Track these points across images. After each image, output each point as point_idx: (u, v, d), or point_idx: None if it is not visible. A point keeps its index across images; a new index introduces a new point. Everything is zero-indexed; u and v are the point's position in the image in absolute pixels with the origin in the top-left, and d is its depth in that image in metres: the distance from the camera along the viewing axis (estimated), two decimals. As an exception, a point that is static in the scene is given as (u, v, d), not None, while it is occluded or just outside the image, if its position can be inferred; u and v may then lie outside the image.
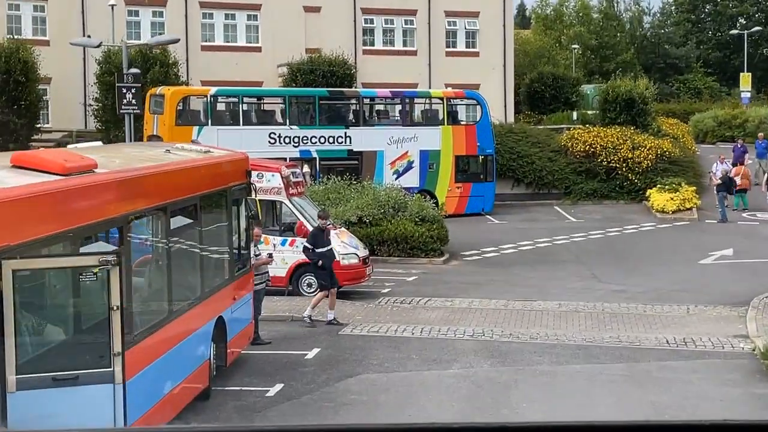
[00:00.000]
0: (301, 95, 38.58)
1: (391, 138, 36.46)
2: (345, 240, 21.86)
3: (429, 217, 27.79)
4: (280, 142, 35.09)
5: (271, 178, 21.45)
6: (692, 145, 45.62)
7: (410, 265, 26.81)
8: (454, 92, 39.33)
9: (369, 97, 38.55)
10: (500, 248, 29.97)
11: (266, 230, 21.89)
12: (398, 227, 27.19)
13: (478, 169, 38.16)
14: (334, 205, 28.00)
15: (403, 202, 28.05)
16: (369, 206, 27.42)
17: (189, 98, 35.60)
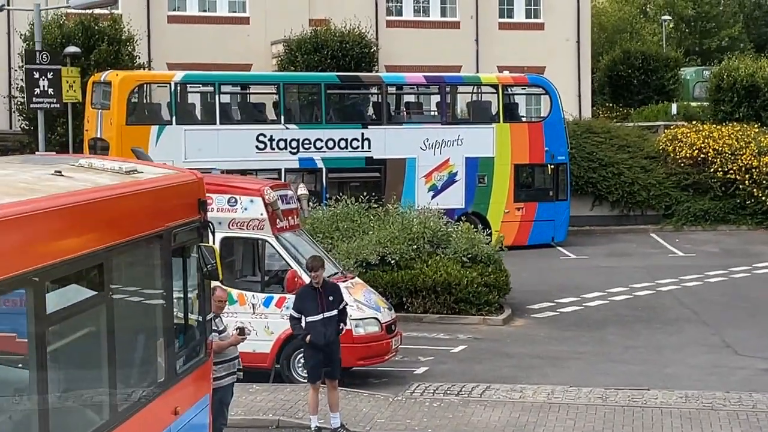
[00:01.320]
0: (301, 82, 35.30)
1: (426, 141, 33.20)
2: (360, 298, 18.33)
3: (482, 255, 24.28)
4: (273, 148, 31.93)
5: (249, 204, 17.99)
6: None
7: (456, 326, 23.39)
8: (513, 77, 35.84)
9: (395, 84, 35.21)
10: (582, 298, 26.47)
11: (243, 282, 18.48)
12: (438, 271, 23.73)
13: (546, 184, 34.81)
14: (346, 238, 24.64)
15: (445, 234, 24.57)
16: (396, 240, 23.97)
17: (146, 87, 32.54)
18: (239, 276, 18.72)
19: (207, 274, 12.64)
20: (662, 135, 39.37)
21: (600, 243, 35.27)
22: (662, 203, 37.67)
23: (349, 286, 18.50)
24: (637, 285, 28.01)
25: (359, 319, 17.93)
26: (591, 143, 37.97)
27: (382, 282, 23.61)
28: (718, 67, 42.18)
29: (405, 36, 44.22)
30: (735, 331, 23.02)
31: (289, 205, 18.91)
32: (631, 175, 37.61)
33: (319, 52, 39.40)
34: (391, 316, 18.68)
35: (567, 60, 46.38)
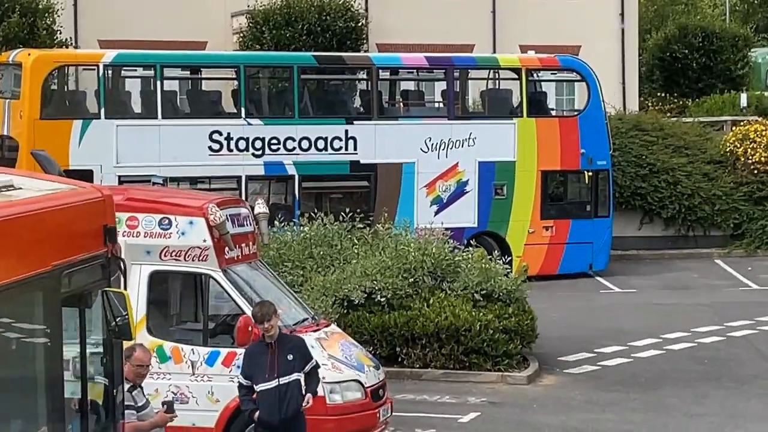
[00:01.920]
0: (268, 64, 33.89)
1: (429, 141, 31.82)
2: (336, 353, 16.76)
3: (500, 291, 22.74)
4: (231, 149, 30.56)
5: (187, 227, 16.41)
6: None
7: (466, 385, 21.88)
8: (540, 59, 34.40)
9: (389, 67, 33.80)
10: (630, 347, 25.00)
11: (179, 331, 16.93)
12: (443, 312, 22.19)
13: (582, 196, 33.44)
14: (322, 269, 23.15)
15: (452, 264, 23.03)
16: (387, 272, 22.45)
17: (67, 70, 30.99)
18: (175, 323, 17.16)
19: (116, 330, 11.11)
20: (730, 134, 38.01)
21: (651, 272, 33.81)
22: (730, 221, 36.29)
23: (321, 337, 16.96)
24: (702, 329, 26.54)
25: (335, 382, 16.35)
26: (639, 144, 36.57)
27: (370, 327, 22.14)
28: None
29: (402, 7, 42.77)
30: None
31: (243, 228, 17.35)
32: (690, 184, 36.18)
33: (292, 26, 38.08)
34: (378, 378, 17.09)
35: (608, 38, 45.08)
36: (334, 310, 21.97)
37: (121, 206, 16.48)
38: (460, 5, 43.58)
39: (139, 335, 16.35)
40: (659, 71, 50.07)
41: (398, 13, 42.35)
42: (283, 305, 17.54)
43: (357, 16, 39.82)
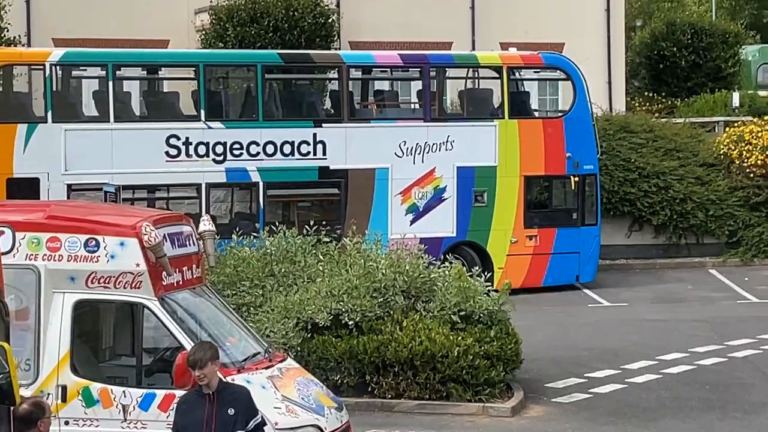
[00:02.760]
0: (229, 63, 31.74)
1: (404, 144, 29.79)
2: (292, 394, 14.49)
3: (481, 312, 20.53)
4: (190, 154, 28.52)
5: (117, 249, 14.13)
6: None
7: (443, 417, 19.64)
8: (522, 57, 32.33)
9: (360, 65, 31.74)
10: (624, 370, 22.80)
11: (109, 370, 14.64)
12: (417, 336, 20.00)
13: (568, 203, 31.43)
14: (284, 288, 20.95)
15: (427, 282, 20.83)
16: (355, 292, 20.26)
17: (9, 69, 28.72)
18: (104, 360, 14.88)
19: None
20: (723, 135, 36.09)
21: (641, 283, 31.78)
22: (725, 227, 34.28)
23: (275, 375, 14.70)
24: (700, 349, 24.38)
25: (290, 428, 14.12)
26: (627, 146, 34.58)
27: (336, 352, 19.94)
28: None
29: (376, 3, 40.67)
30: None
31: (186, 248, 15.09)
32: (682, 189, 34.19)
33: (258, 23, 35.88)
34: (340, 421, 14.81)
35: (593, 35, 42.96)
36: (297, 334, 19.85)
37: (41, 225, 14.35)
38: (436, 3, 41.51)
39: (62, 374, 14.23)
40: (646, 70, 48.14)
41: (372, 9, 40.25)
42: (233, 336, 15.38)
43: (327, 12, 37.65)
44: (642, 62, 48.34)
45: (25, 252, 14.09)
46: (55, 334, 14.11)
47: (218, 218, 29.00)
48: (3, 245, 13.87)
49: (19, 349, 14.17)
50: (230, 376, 13.93)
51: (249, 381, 14.15)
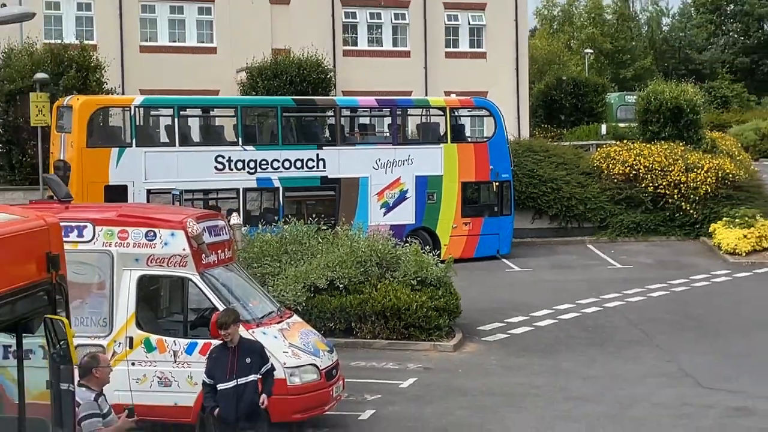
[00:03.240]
0: (258, 105, 30.30)
1: (379, 161, 28.18)
2: (296, 341, 13.23)
3: (432, 278, 19.25)
4: (231, 168, 26.84)
5: (169, 238, 12.84)
6: (751, 165, 37.01)
7: (405, 353, 18.36)
8: (460, 100, 30.94)
9: (349, 107, 30.10)
10: (531, 317, 21.50)
11: (164, 326, 13.33)
12: (387, 295, 18.75)
13: (491, 200, 29.79)
14: (295, 262, 19.59)
15: (394, 257, 19.53)
16: (344, 264, 18.98)
17: (106, 110, 27.12)
18: (160, 318, 13.56)
19: (57, 356, 7.55)
20: (595, 153, 34.56)
21: (542, 254, 30.35)
22: (597, 216, 32.70)
23: (284, 328, 13.41)
24: (584, 301, 23.09)
25: (295, 367, 12.83)
26: (531, 161, 32.96)
27: (331, 307, 18.68)
28: (646, 90, 37.27)
29: (360, 64, 39.20)
30: (690, 356, 18.09)
31: (219, 236, 13.76)
32: (568, 190, 32.64)
33: (279, 78, 34.22)
34: (331, 360, 13.55)
35: (507, 85, 41.46)
36: (303, 294, 18.55)
37: (113, 221, 13.01)
38: (401, 64, 40.08)
39: (130, 328, 12.92)
40: (542, 109, 46.76)
41: (358, 70, 38.78)
42: (255, 300, 14.05)
43: (326, 70, 36.12)
44: (540, 104, 46.97)
45: (102, 240, 12.76)
46: (124, 300, 12.80)
47: (252, 212, 27.73)
48: (87, 236, 12.67)
49: (99, 311, 12.92)
50: (251, 329, 12.66)
51: (265, 333, 12.89)
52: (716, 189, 32.15)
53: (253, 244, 19.96)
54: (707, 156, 33.48)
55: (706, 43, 76.18)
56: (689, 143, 34.59)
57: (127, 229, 12.78)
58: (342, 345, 17.70)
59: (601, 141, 38.01)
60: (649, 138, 35.00)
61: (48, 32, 34.69)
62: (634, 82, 66.92)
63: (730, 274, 26.63)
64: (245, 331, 12.21)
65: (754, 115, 59.69)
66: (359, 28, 39.72)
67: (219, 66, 36.79)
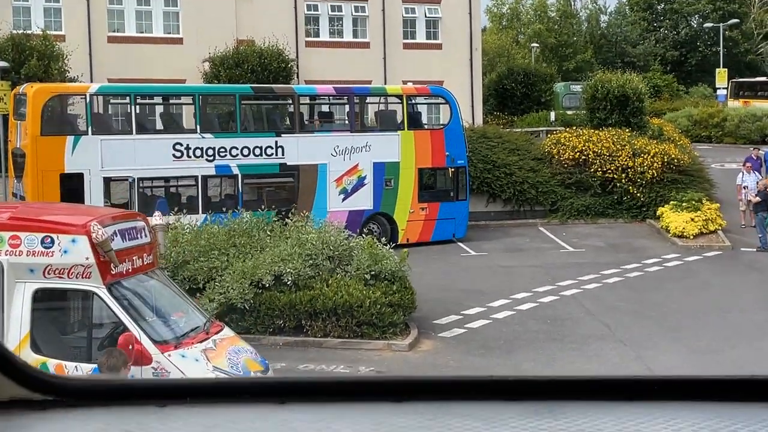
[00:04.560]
0: (216, 93, 26.73)
1: (337, 148, 24.84)
2: (222, 363, 9.92)
3: (386, 272, 16.00)
4: (189, 156, 23.40)
5: (70, 245, 9.49)
6: (692, 150, 34.00)
7: (358, 352, 15.13)
8: (416, 88, 27.58)
9: (307, 95, 26.70)
10: (489, 308, 18.29)
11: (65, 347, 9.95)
12: (338, 291, 15.48)
13: (447, 185, 26.58)
14: (242, 255, 16.24)
15: (346, 250, 16.24)
16: (292, 258, 15.66)
17: (61, 98, 23.49)
18: (60, 339, 10.17)
19: None
20: (546, 139, 31.43)
21: (496, 237, 27.21)
22: (549, 200, 29.62)
23: (209, 347, 10.07)
24: (540, 289, 19.93)
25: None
26: (485, 147, 29.77)
27: (280, 304, 15.41)
28: (594, 79, 34.16)
29: (322, 55, 35.67)
30: (655, 353, 15.00)
31: (137, 240, 10.40)
32: (521, 175, 29.51)
33: (240, 67, 30.66)
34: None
35: (462, 76, 38.10)
36: (250, 291, 15.25)
37: (3, 225, 9.51)
38: (361, 54, 36.63)
39: (23, 352, 9.52)
40: (494, 98, 43.50)
41: (320, 60, 35.27)
42: (180, 311, 10.74)
43: (287, 60, 32.61)
44: (492, 93, 43.72)
45: (-10, 248, 9.40)
46: (17, 318, 9.42)
47: (211, 199, 24.39)
48: (-28, 243, 9.23)
49: (-12, 331, 9.60)
50: (167, 352, 9.34)
51: (184, 356, 9.56)
52: (662, 173, 29.14)
53: (200, 237, 16.64)
54: (653, 142, 30.49)
55: (639, 38, 73.44)
56: (635, 129, 31.65)
57: (20, 234, 9.42)
58: (292, 344, 14.61)
59: (551, 128, 34.93)
60: (596, 125, 32.00)
61: (17, 23, 30.90)
62: (576, 73, 64.07)
63: (681, 258, 23.63)
64: (160, 354, 8.94)
65: (684, 103, 57.06)
66: (321, 20, 36.17)
67: (185, 56, 33.11)
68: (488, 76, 45.91)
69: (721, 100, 51.99)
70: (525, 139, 31.69)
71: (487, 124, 36.76)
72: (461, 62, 38.25)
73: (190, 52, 32.99)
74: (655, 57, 72.37)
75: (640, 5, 75.67)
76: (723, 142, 45.19)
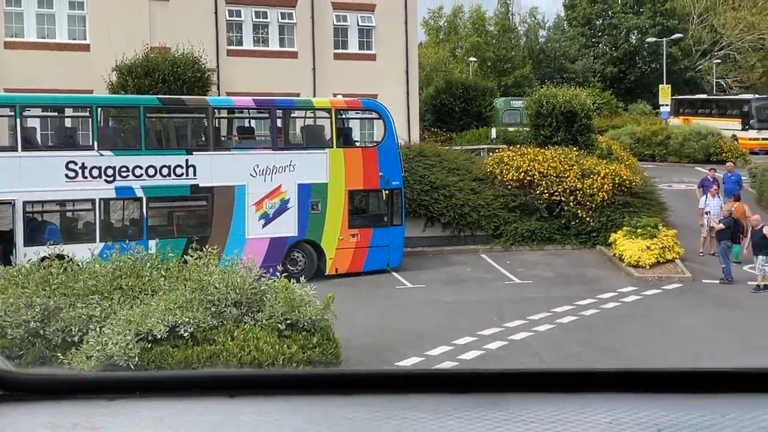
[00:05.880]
0: (117, 105, 23.81)
1: (257, 167, 22.21)
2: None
3: (305, 321, 13.27)
4: (85, 176, 20.50)
5: None
6: (642, 170, 31.97)
7: (268, 422, 12.27)
8: (346, 101, 24.97)
9: (223, 107, 24.01)
10: (428, 357, 15.71)
11: None
12: (246, 346, 12.72)
13: (380, 209, 24.07)
14: (130, 300, 13.38)
15: (257, 293, 13.48)
16: (190, 305, 12.84)
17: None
18: None
19: None
20: (488, 158, 29.13)
21: (434, 266, 24.73)
22: (491, 224, 27.21)
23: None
24: (486, 332, 17.39)
25: None
26: (423, 166, 27.33)
27: (173, 362, 12.55)
28: (538, 94, 31.97)
29: (246, 64, 32.80)
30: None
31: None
32: (461, 197, 27.10)
33: (151, 76, 27.62)
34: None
35: (397, 89, 35.57)
36: (137, 345, 12.39)
37: None
38: (289, 64, 33.88)
39: None
40: (432, 113, 41.11)
41: (243, 70, 32.44)
42: None
43: (203, 69, 29.68)
44: (429, 108, 41.33)
45: None
46: None
47: (111, 226, 21.44)
48: None
49: None
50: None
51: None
52: (613, 196, 26.99)
53: (78, 279, 13.71)
54: (602, 162, 28.35)
55: (578, 54, 72.15)
56: (582, 148, 29.54)
57: None
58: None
59: (492, 145, 32.69)
60: (541, 142, 29.86)
61: None
62: (515, 89, 62.39)
63: (639, 292, 21.36)
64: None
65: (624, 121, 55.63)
66: (244, 27, 33.30)
67: (93, 64, 29.94)
68: (425, 91, 43.62)
69: (664, 117, 50.51)
70: (465, 157, 29.38)
71: (424, 141, 34.28)
72: (397, 75, 35.79)
73: (99, 60, 29.85)
74: (594, 73, 71.18)
75: (579, 20, 74.56)
76: (667, 160, 43.65)
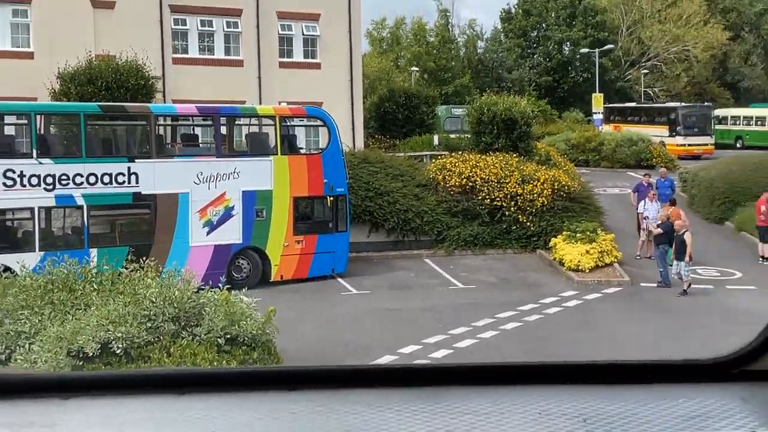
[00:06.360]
0: (56, 112, 22.41)
1: (201, 174, 21.07)
2: None
3: (246, 335, 12.18)
4: (24, 184, 19.14)
5: None
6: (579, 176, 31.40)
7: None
8: (291, 109, 23.94)
9: (165, 115, 22.67)
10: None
11: None
12: (183, 361, 11.56)
13: (325, 215, 23.03)
14: (61, 316, 12.15)
15: (196, 307, 12.34)
16: (124, 320, 11.66)
17: None
18: None
19: None
20: (431, 165, 28.29)
21: (379, 272, 23.79)
22: (434, 229, 26.39)
23: None
24: (431, 340, 16.50)
25: None
26: (367, 173, 26.40)
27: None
28: (479, 102, 31.23)
29: (192, 72, 31.53)
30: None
31: None
32: (405, 202, 26.22)
33: (93, 84, 26.23)
34: None
35: (342, 98, 34.63)
36: (67, 362, 11.18)
37: None
38: (234, 72, 32.69)
39: None
40: (376, 121, 40.17)
41: (188, 79, 31.17)
42: None
43: (147, 75, 28.34)
44: (373, 116, 40.42)
45: None
46: None
47: (52, 233, 20.10)
48: None
49: None
50: None
51: None
52: (552, 201, 26.33)
53: (6, 293, 12.45)
54: (542, 168, 27.71)
55: (515, 64, 72.04)
56: (522, 154, 28.88)
57: None
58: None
59: (435, 152, 31.87)
60: (483, 149, 29.11)
61: None
62: (455, 97, 61.87)
63: (580, 296, 20.64)
64: None
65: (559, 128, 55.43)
66: (190, 36, 32.02)
67: (36, 72, 28.38)
68: (369, 99, 42.74)
69: (597, 125, 50.35)
70: (409, 164, 28.52)
71: (368, 147, 33.39)
72: (341, 83, 34.80)
73: (42, 68, 28.30)
74: (529, 82, 71.09)
75: (515, 32, 74.55)
76: (600, 165, 43.45)
